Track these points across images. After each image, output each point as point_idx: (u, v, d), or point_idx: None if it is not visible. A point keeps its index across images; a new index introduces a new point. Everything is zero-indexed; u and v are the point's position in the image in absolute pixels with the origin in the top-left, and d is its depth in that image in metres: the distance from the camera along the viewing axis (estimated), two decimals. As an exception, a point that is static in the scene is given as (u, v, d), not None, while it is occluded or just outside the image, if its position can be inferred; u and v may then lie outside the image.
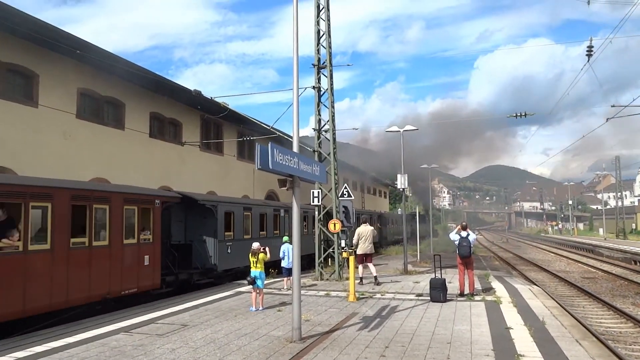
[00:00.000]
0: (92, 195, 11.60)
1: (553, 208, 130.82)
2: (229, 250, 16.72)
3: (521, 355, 7.13)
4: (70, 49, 16.08)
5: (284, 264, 14.45)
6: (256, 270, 11.16)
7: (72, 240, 10.80)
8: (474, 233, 13.45)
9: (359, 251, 15.49)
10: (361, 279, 15.56)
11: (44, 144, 16.33)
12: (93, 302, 11.33)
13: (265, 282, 12.14)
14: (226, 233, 16.88)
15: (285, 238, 14.88)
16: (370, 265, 15.81)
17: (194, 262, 16.18)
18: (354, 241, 15.85)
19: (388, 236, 42.73)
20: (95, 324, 9.68)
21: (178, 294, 14.22)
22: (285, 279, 14.61)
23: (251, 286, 11.29)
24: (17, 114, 15.63)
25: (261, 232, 19.05)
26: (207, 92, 21.94)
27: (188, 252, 16.14)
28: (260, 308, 11.16)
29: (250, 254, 11.40)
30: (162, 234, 14.11)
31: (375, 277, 15.63)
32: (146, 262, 13.08)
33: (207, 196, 18.73)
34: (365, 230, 15.74)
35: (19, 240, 9.52)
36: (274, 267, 17.46)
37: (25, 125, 15.81)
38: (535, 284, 18.57)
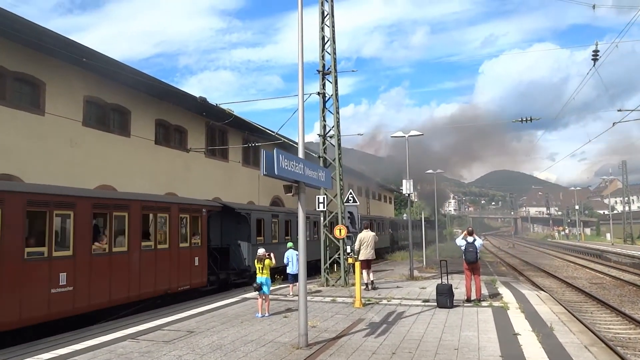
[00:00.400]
0: (156, 205, 13.79)
1: (559, 213, 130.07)
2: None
3: (530, 362, 7.06)
4: (77, 57, 16.23)
5: (289, 270, 14.44)
6: (262, 277, 11.14)
7: (143, 243, 12.94)
8: (480, 238, 13.38)
9: (361, 257, 15.35)
10: (367, 284, 15.49)
11: (51, 152, 16.45)
12: (156, 296, 13.44)
13: (271, 288, 12.13)
14: (257, 238, 18.62)
15: (290, 244, 14.89)
16: (364, 271, 15.73)
17: (231, 264, 17.93)
18: (356, 247, 15.80)
19: (399, 241, 43.04)
20: (101, 330, 9.68)
21: (219, 292, 16.16)
22: (290, 285, 14.61)
23: (257, 292, 11.26)
24: (24, 122, 15.76)
25: (286, 237, 20.51)
26: (212, 99, 21.97)
27: (225, 254, 17.83)
28: (267, 314, 11.13)
29: (256, 260, 11.37)
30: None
31: (372, 282, 15.64)
32: (196, 263, 15.22)
33: (242, 205, 20.53)
34: (367, 236, 15.67)
35: (106, 243, 11.75)
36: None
37: (32, 133, 15.93)
38: (543, 290, 18.45)
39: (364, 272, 15.48)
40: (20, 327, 9.60)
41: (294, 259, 14.11)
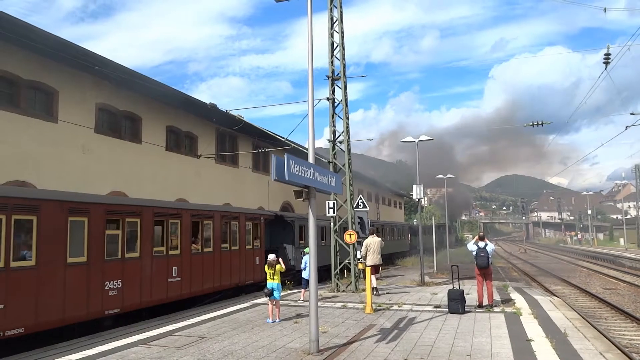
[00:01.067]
0: (230, 215, 17.08)
1: (571, 218, 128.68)
2: (302, 255, 18.80)
3: (543, 368, 6.98)
4: (89, 65, 16.42)
5: (304, 274, 14.50)
6: (273, 282, 11.14)
7: (222, 245, 16.22)
8: (492, 243, 13.28)
9: (369, 262, 15.37)
10: (376, 289, 15.44)
11: (64, 158, 16.63)
12: (229, 289, 16.49)
13: (282, 293, 12.13)
14: (300, 241, 21.15)
15: (307, 249, 14.92)
16: (373, 276, 15.72)
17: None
18: (362, 253, 15.86)
19: (417, 245, 43.51)
20: (113, 336, 9.74)
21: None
22: (303, 290, 14.72)
23: (268, 298, 11.26)
24: (38, 129, 15.96)
25: (322, 241, 22.61)
26: (222, 105, 22.22)
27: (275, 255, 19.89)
28: (277, 320, 11.12)
29: (267, 266, 11.37)
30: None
31: (376, 288, 15.59)
32: (257, 262, 18.29)
33: (288, 214, 23.38)
34: (373, 242, 15.71)
35: (199, 245, 15.02)
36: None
37: (45, 140, 16.12)
38: (556, 295, 18.25)
39: (373, 277, 15.46)
40: (149, 307, 12.81)
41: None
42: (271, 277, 11.20)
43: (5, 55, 15.09)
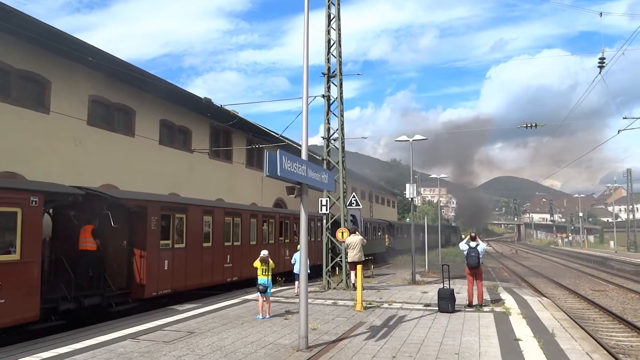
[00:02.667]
0: (268, 214, 20.51)
1: (563, 220, 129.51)
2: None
3: (531, 368, 7.03)
4: (83, 56, 16.28)
5: (296, 270, 14.58)
6: (265, 278, 11.11)
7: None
8: (484, 243, 13.33)
9: (349, 259, 16.06)
10: (354, 285, 15.68)
11: (55, 150, 16.49)
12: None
13: (272, 290, 12.12)
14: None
15: (299, 246, 14.99)
16: (352, 272, 16.05)
17: None
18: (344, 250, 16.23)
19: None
20: (102, 330, 9.69)
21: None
22: (296, 283, 15.16)
23: (258, 294, 11.24)
24: (29, 120, 15.81)
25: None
26: (218, 100, 22.11)
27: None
28: (267, 316, 11.11)
29: (259, 262, 11.30)
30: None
31: (354, 285, 15.74)
32: (287, 255, 20.49)
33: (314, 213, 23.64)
34: (354, 240, 16.02)
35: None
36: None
37: (37, 132, 15.98)
38: (545, 296, 18.36)
39: (352, 273, 15.82)
40: (210, 286, 15.68)
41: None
42: (263, 273, 11.17)
43: (-3, 44, 14.93)
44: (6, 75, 15.48)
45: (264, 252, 11.42)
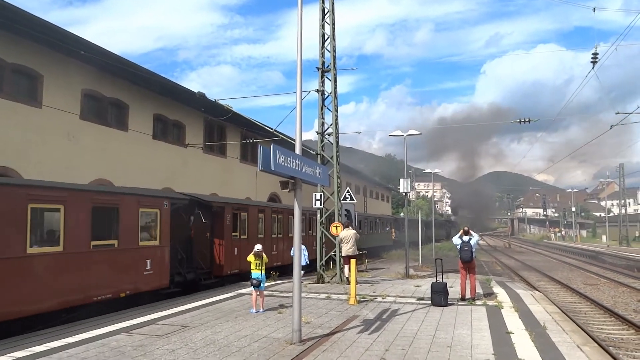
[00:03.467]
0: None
1: (556, 215, 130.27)
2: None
3: (522, 360, 7.10)
4: (75, 50, 16.18)
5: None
6: (258, 272, 11.13)
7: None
8: (477, 235, 13.37)
9: (343, 253, 16.12)
10: (347, 278, 15.74)
11: (48, 145, 16.41)
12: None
13: (266, 284, 12.14)
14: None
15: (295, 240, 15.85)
16: (346, 266, 16.13)
17: None
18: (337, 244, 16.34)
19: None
20: (95, 324, 9.68)
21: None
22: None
23: (252, 288, 11.26)
24: (21, 114, 15.71)
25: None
26: (212, 95, 22.15)
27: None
28: (261, 310, 11.15)
29: (253, 256, 11.30)
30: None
31: (347, 279, 15.86)
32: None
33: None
34: (347, 235, 16.07)
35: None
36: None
37: (29, 126, 15.88)
38: (537, 290, 18.51)
39: (345, 267, 15.93)
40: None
41: (305, 254, 16.27)
42: (257, 267, 11.18)
43: (-12, 37, 14.80)
44: (-2, 69, 15.35)
45: (258, 247, 11.43)
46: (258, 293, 11.21)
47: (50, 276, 10.04)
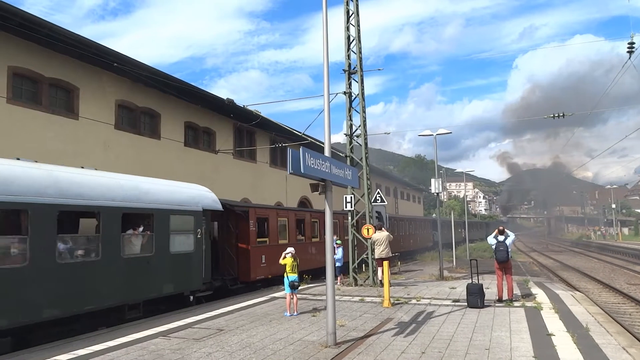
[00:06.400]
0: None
1: (595, 212, 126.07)
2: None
3: (564, 362, 6.87)
4: (109, 63, 16.66)
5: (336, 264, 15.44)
6: (295, 275, 11.14)
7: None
8: (513, 234, 13.04)
9: (376, 255, 16.08)
10: (380, 281, 15.63)
11: (85, 154, 16.90)
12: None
13: (300, 287, 12.15)
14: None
15: (339, 241, 17.80)
16: (379, 269, 16.04)
17: None
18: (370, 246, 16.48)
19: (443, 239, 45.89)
20: (135, 329, 9.89)
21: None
22: (339, 277, 16.95)
23: (289, 291, 11.18)
24: (60, 126, 16.27)
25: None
26: (241, 100, 22.37)
27: None
28: (295, 313, 11.15)
29: (291, 258, 11.21)
30: None
31: (380, 281, 15.76)
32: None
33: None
34: (381, 237, 15.97)
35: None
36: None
37: (67, 137, 16.43)
38: (578, 290, 17.94)
39: (379, 269, 16.15)
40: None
41: (340, 254, 17.33)
42: (293, 270, 11.15)
43: (28, 54, 15.40)
44: (37, 84, 15.95)
45: (292, 250, 11.42)
46: (291, 297, 11.22)
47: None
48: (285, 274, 11.24)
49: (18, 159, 9.91)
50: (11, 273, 8.63)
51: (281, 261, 11.42)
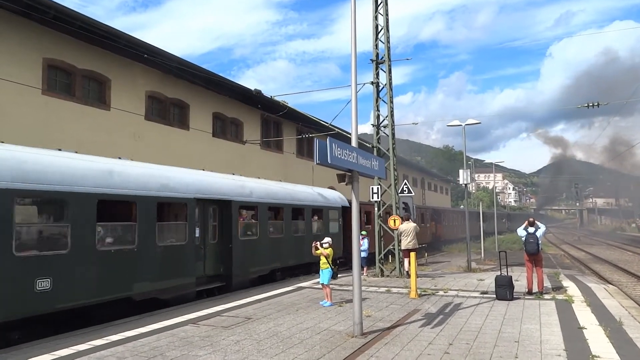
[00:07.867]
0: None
1: (630, 204, 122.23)
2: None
3: (596, 357, 6.73)
4: (139, 54, 16.93)
5: (362, 255, 15.33)
6: (328, 267, 11.15)
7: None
8: (544, 226, 12.78)
9: (402, 246, 16.07)
10: (407, 272, 15.52)
11: (116, 145, 17.30)
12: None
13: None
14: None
15: (364, 232, 17.04)
16: (406, 260, 15.85)
17: None
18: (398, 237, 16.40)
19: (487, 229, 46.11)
20: (165, 316, 10.14)
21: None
22: (364, 268, 16.65)
23: (327, 281, 11.12)
24: (92, 116, 16.67)
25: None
26: (268, 91, 22.53)
27: None
28: (328, 303, 11.12)
29: (329, 249, 11.16)
30: None
31: (407, 272, 15.61)
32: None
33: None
34: (408, 228, 15.95)
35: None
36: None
37: (99, 127, 16.83)
38: (611, 283, 17.50)
39: (405, 260, 15.84)
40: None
41: (365, 245, 17.02)
42: (327, 260, 11.14)
43: (62, 46, 15.78)
44: (70, 75, 16.36)
45: (330, 240, 11.39)
46: (324, 286, 11.24)
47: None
48: (326, 265, 11.08)
49: (60, 149, 10.25)
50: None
51: (318, 252, 11.16)
